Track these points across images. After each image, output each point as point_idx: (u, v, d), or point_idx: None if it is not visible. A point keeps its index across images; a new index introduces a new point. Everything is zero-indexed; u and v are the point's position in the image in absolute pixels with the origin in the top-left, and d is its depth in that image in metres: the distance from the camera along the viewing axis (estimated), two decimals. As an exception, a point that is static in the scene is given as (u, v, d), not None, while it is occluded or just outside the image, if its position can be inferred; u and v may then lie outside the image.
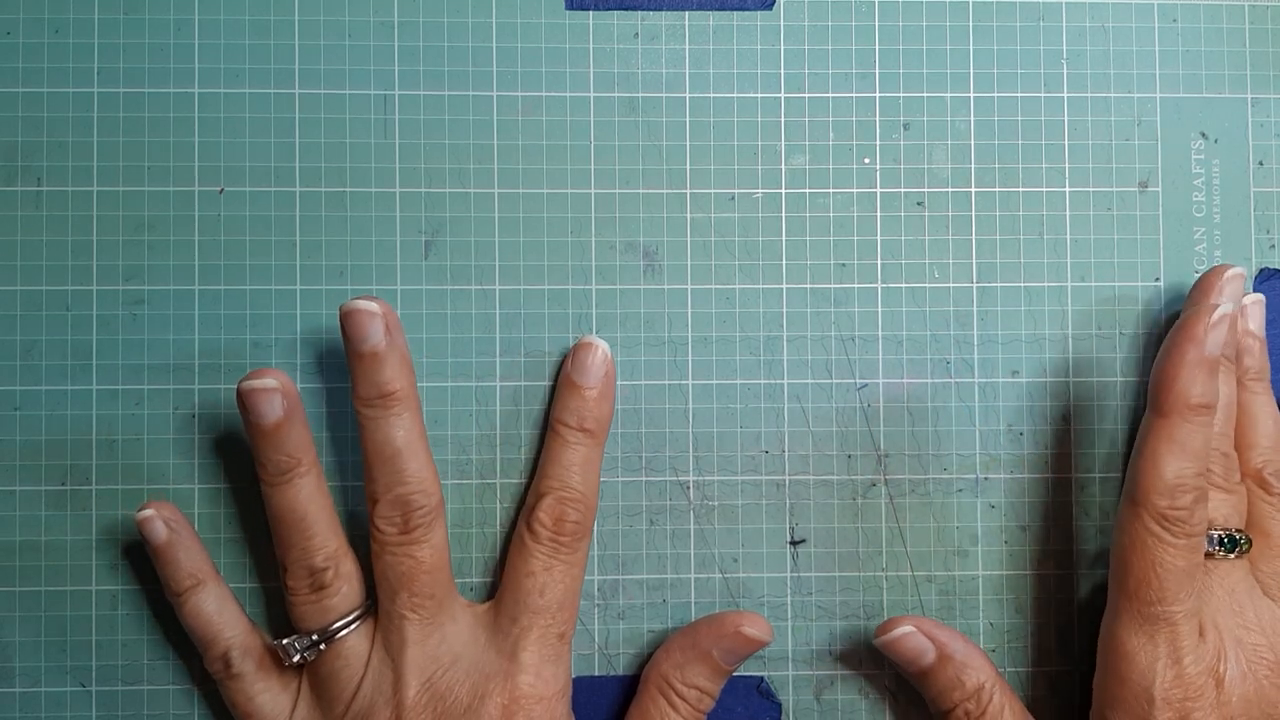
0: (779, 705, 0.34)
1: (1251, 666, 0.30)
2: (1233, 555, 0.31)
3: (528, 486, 0.34)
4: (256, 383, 0.31)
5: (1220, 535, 0.31)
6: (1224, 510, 0.31)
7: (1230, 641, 0.31)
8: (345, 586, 0.31)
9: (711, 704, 0.32)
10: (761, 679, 0.34)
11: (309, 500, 0.31)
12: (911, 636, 0.32)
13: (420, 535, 0.31)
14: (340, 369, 0.34)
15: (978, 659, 0.32)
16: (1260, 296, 0.33)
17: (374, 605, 0.32)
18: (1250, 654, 0.31)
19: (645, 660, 0.34)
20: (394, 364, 0.31)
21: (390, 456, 0.31)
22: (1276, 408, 0.33)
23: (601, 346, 0.33)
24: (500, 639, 0.31)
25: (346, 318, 0.31)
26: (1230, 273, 0.33)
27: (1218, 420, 0.31)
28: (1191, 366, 0.30)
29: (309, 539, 0.31)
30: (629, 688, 0.34)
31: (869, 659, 0.34)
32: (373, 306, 0.31)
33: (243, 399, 0.31)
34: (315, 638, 0.31)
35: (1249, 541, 0.31)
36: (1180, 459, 0.30)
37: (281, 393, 0.31)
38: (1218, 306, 0.30)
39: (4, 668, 0.33)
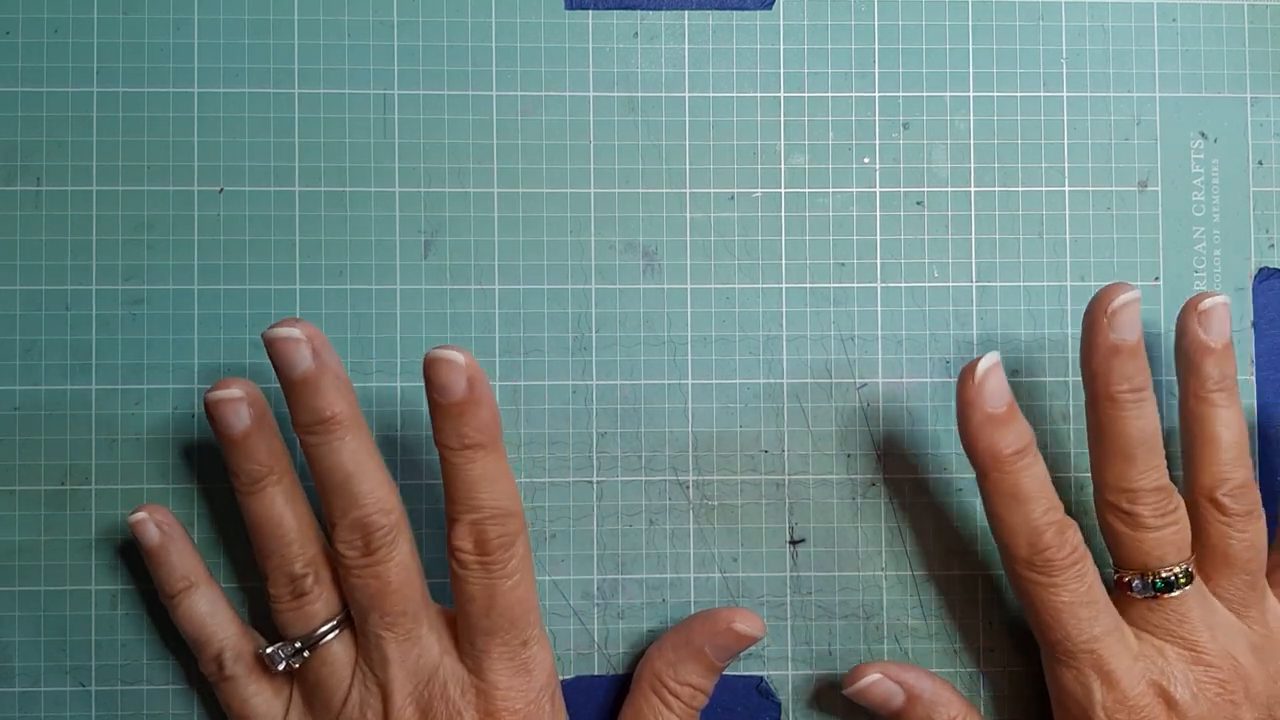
0: (779, 705, 0.34)
1: (1201, 688, 0.30)
2: (1174, 594, 0.30)
3: (528, 486, 0.34)
4: (222, 393, 0.30)
5: (1157, 580, 0.30)
6: (1159, 549, 0.30)
7: (1179, 665, 0.30)
8: (326, 592, 0.31)
9: (705, 701, 0.32)
10: (761, 679, 0.34)
11: (284, 507, 0.31)
12: (879, 683, 0.32)
13: (384, 555, 0.30)
14: (340, 369, 0.34)
15: (946, 694, 0.32)
16: (1221, 299, 0.31)
17: None
18: (1200, 675, 0.30)
19: (645, 660, 0.34)
20: (328, 387, 0.30)
21: (341, 482, 0.30)
22: (1240, 418, 0.31)
23: (453, 357, 0.29)
24: (466, 657, 0.31)
25: (269, 347, 0.30)
26: (1119, 301, 0.30)
27: (1141, 455, 0.30)
28: (980, 426, 0.30)
29: (286, 546, 0.31)
30: (628, 687, 0.34)
31: (869, 658, 0.34)
32: (293, 332, 0.30)
33: (209, 410, 0.31)
34: (299, 644, 0.31)
35: (1188, 576, 0.30)
36: (1020, 507, 0.30)
37: (247, 402, 0.30)
38: (980, 361, 0.30)
39: (3, 667, 0.33)
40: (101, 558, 0.33)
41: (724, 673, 0.33)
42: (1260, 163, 0.35)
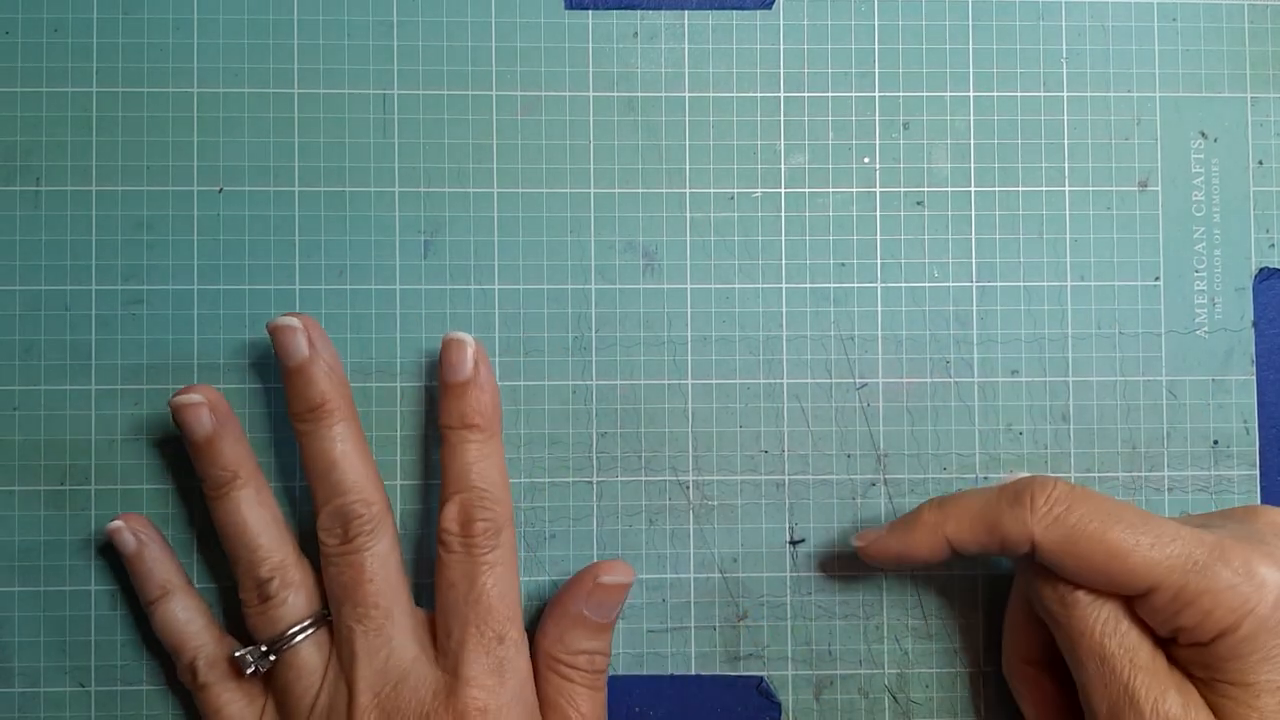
0: (779, 705, 0.34)
1: None
2: None
3: (528, 486, 0.34)
4: (183, 398, 0.31)
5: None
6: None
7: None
8: (293, 596, 0.31)
9: (606, 661, 0.32)
10: (761, 679, 0.34)
11: (249, 511, 0.31)
12: None
13: (361, 544, 0.31)
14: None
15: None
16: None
17: (329, 615, 0.32)
18: None
19: (644, 660, 0.34)
20: (321, 377, 0.31)
21: (326, 469, 0.31)
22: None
23: (465, 338, 0.32)
24: (442, 655, 0.31)
25: (272, 335, 0.32)
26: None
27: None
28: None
29: (253, 551, 0.31)
30: (628, 687, 0.34)
31: (869, 659, 0.34)
32: (292, 322, 0.31)
33: (174, 415, 0.31)
34: (266, 649, 0.31)
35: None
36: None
37: (209, 407, 0.31)
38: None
39: (3, 668, 0.33)
40: (101, 558, 0.33)
41: (725, 673, 0.33)
42: (1260, 162, 0.35)
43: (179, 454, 0.34)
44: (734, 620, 0.34)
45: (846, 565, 0.34)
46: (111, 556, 0.33)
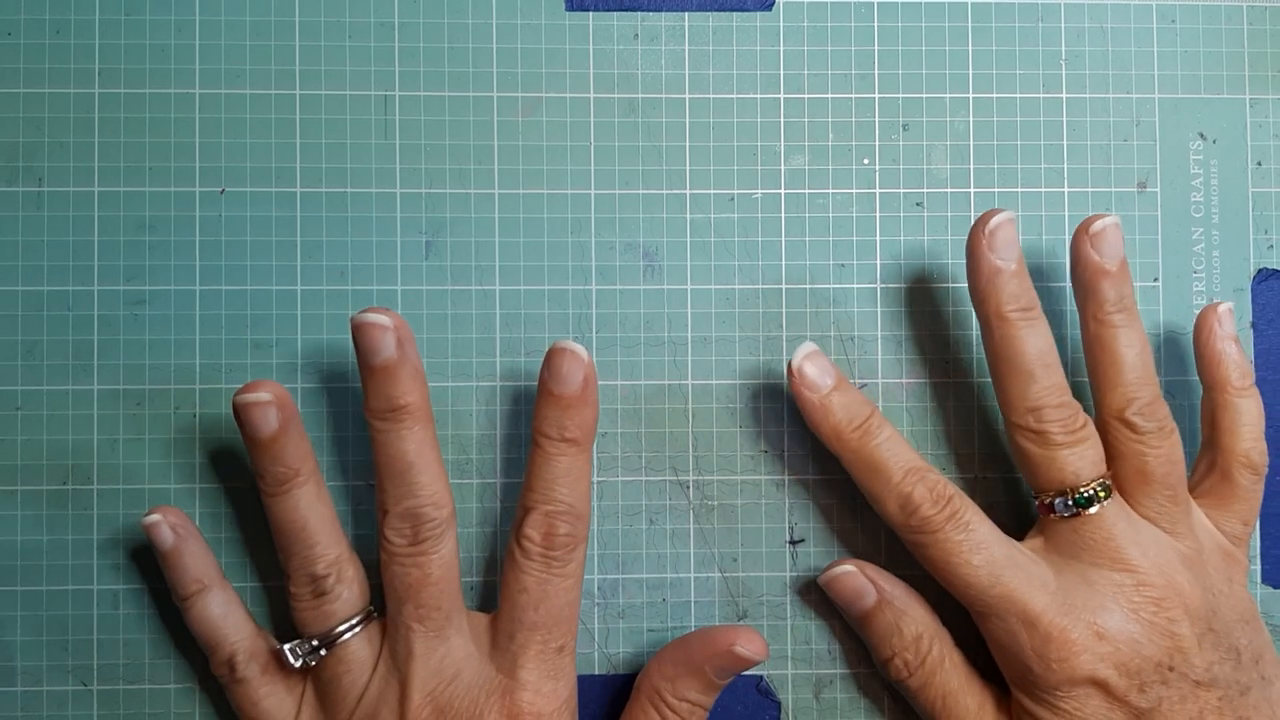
0: (778, 704, 0.34)
1: (1136, 608, 0.30)
2: (1094, 510, 0.30)
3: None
4: (250, 396, 0.30)
5: (1077, 496, 0.30)
6: (1073, 465, 0.30)
7: (1108, 589, 0.30)
8: (346, 592, 0.31)
9: (704, 715, 0.32)
10: (761, 678, 0.34)
11: (309, 509, 0.31)
12: (852, 576, 0.32)
13: (429, 547, 0.31)
14: (341, 369, 0.34)
15: (918, 609, 0.32)
16: (1112, 220, 0.31)
17: (378, 611, 0.32)
18: (1134, 594, 0.30)
19: (645, 660, 0.34)
20: (406, 378, 0.31)
21: (401, 470, 0.31)
22: (1142, 337, 0.31)
23: (578, 350, 0.31)
24: (500, 655, 0.31)
25: (358, 330, 0.30)
26: (993, 223, 0.31)
27: (1040, 372, 0.31)
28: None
29: (310, 548, 0.31)
30: (628, 687, 0.34)
31: (868, 658, 0.34)
32: (384, 320, 0.30)
33: (238, 412, 0.31)
34: (316, 643, 0.31)
35: (1106, 490, 0.31)
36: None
37: (276, 405, 0.30)
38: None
39: (6, 667, 0.33)
40: (104, 557, 0.33)
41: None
42: (1259, 163, 0.35)
43: (181, 454, 0.34)
44: (734, 620, 0.34)
45: (846, 565, 0.34)
46: (114, 556, 0.33)
